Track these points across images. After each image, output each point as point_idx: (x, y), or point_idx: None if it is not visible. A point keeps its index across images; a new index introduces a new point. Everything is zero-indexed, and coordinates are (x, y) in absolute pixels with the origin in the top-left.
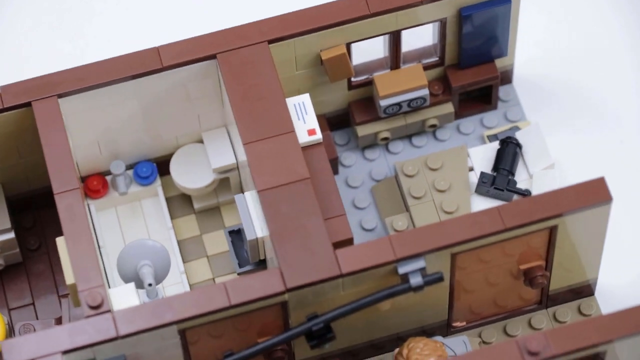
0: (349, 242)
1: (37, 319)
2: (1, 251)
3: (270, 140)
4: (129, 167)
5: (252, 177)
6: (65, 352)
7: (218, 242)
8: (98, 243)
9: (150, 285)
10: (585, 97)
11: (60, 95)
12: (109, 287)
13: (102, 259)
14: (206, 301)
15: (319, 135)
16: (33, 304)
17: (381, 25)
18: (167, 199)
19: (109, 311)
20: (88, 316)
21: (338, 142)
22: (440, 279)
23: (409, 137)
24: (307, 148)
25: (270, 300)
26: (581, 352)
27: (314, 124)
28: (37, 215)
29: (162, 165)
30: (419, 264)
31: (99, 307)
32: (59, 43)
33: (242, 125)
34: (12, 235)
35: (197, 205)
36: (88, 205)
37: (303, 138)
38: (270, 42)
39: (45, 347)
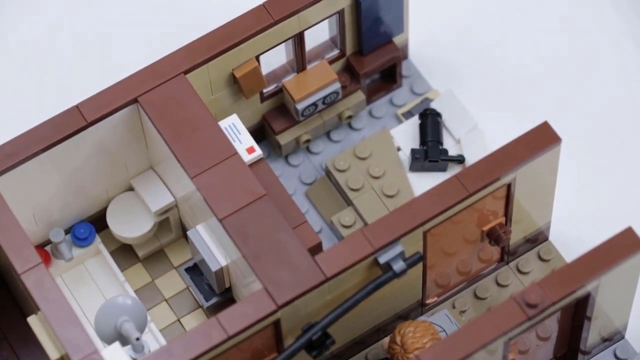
0: (318, 247)
1: None
2: None
3: (216, 168)
4: (65, 232)
5: (210, 206)
6: None
7: (172, 284)
8: None
9: (138, 339)
10: (480, 58)
11: None
12: None
13: None
14: (203, 339)
15: (258, 152)
16: None
17: (285, 31)
18: (110, 253)
19: None
20: None
21: None
22: (420, 258)
23: (326, 134)
24: (251, 166)
25: (265, 321)
26: (575, 293)
27: (250, 141)
28: None
29: (97, 222)
30: (398, 249)
31: None
32: None
33: (184, 160)
34: None
35: (141, 253)
36: None
37: (245, 157)
38: (186, 72)
39: None
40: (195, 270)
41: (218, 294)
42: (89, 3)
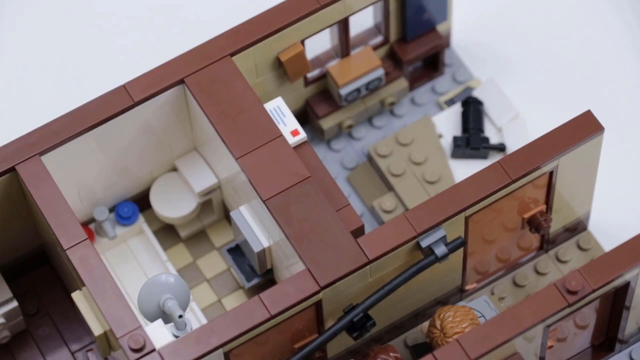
0: (361, 230)
1: None
2: (7, 322)
3: (261, 149)
4: (109, 211)
5: (255, 187)
6: None
7: (213, 264)
8: None
9: (180, 316)
10: (521, 51)
11: (40, 154)
12: None
13: None
14: (246, 318)
15: (303, 135)
16: None
17: (331, 15)
18: (153, 233)
19: (154, 350)
20: None
21: None
22: (462, 243)
23: (368, 120)
24: (295, 149)
25: (307, 302)
26: (615, 282)
27: (294, 124)
28: (28, 280)
29: (141, 202)
30: (440, 233)
31: (142, 349)
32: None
33: (229, 141)
34: (15, 304)
35: (183, 233)
36: None
37: (290, 140)
38: (232, 54)
39: None
40: (237, 252)
41: (259, 275)
42: None
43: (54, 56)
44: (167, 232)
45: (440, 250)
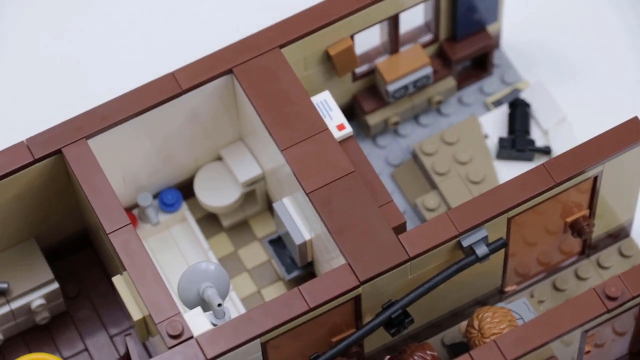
0: (403, 226)
1: None
2: (47, 303)
3: (306, 142)
4: (153, 197)
5: (298, 180)
6: None
7: (254, 255)
8: None
9: (219, 305)
10: (571, 54)
11: (87, 137)
12: None
13: None
14: (285, 309)
15: (349, 129)
16: (86, 349)
17: (382, 11)
18: (196, 221)
19: (192, 337)
20: (172, 346)
21: None
22: (504, 244)
23: (415, 117)
24: (340, 143)
25: (346, 296)
26: None
27: (341, 118)
28: (70, 262)
29: (185, 189)
30: (481, 233)
31: (180, 336)
32: (73, 81)
33: (275, 132)
34: (56, 285)
35: (225, 223)
36: None
37: (335, 134)
38: (281, 46)
39: None
40: (279, 243)
41: (300, 267)
42: None
43: (108, 41)
44: (209, 221)
45: (481, 250)
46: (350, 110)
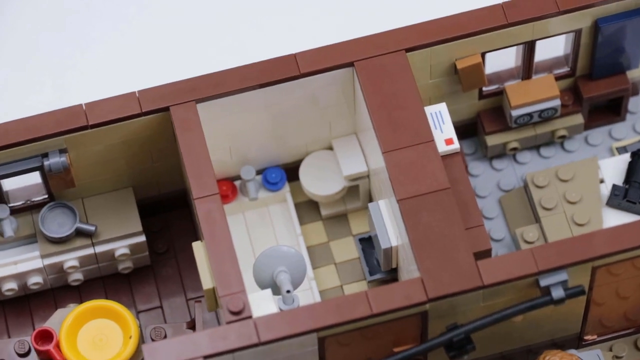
0: (487, 253)
1: (165, 322)
2: (131, 254)
3: (409, 149)
4: (257, 173)
5: (392, 185)
6: (207, 357)
7: (345, 249)
8: None
9: (288, 291)
10: None
11: (197, 101)
12: None
13: None
14: (348, 309)
15: (456, 145)
16: (161, 307)
17: (517, 35)
18: (295, 205)
19: (250, 317)
20: (229, 322)
21: (465, 151)
22: (582, 292)
23: (537, 147)
24: (444, 157)
25: (412, 309)
26: None
27: (451, 133)
28: (166, 219)
29: (290, 171)
30: (561, 276)
31: (240, 313)
32: (195, 47)
33: (381, 134)
34: (142, 238)
35: (324, 212)
36: None
37: (441, 147)
38: (407, 50)
39: (187, 351)
40: (369, 243)
41: (383, 271)
42: None
43: (244, 14)
44: (309, 207)
45: (557, 293)
46: (473, 127)
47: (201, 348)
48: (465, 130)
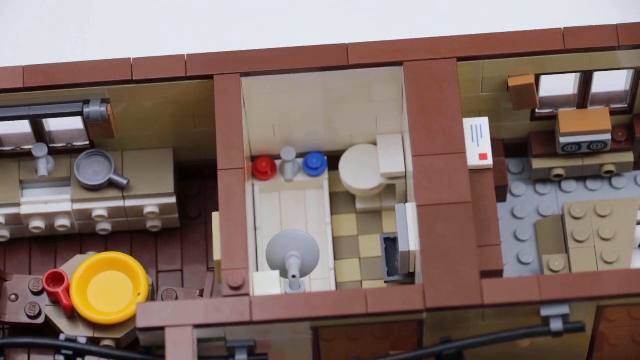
0: (498, 273)
1: (183, 286)
2: (160, 213)
3: (439, 157)
4: (299, 156)
5: (415, 190)
6: (197, 326)
7: (373, 246)
8: (255, 224)
9: (294, 276)
10: None
11: (243, 74)
12: (257, 270)
13: (257, 240)
14: (344, 304)
15: (489, 161)
16: (182, 270)
17: (574, 62)
18: (331, 194)
19: (247, 295)
20: (226, 296)
21: (512, 170)
22: (581, 329)
23: (583, 178)
24: (475, 172)
25: (408, 316)
26: None
27: (487, 148)
28: (203, 185)
29: (331, 160)
30: (563, 309)
31: (238, 289)
32: (254, 20)
33: (414, 137)
34: (173, 200)
35: (359, 206)
36: (253, 185)
37: (473, 161)
38: (459, 59)
39: (179, 317)
40: (393, 244)
41: (400, 274)
42: None
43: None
44: (346, 198)
45: (555, 325)
46: (523, 146)
47: (193, 316)
48: (516, 148)
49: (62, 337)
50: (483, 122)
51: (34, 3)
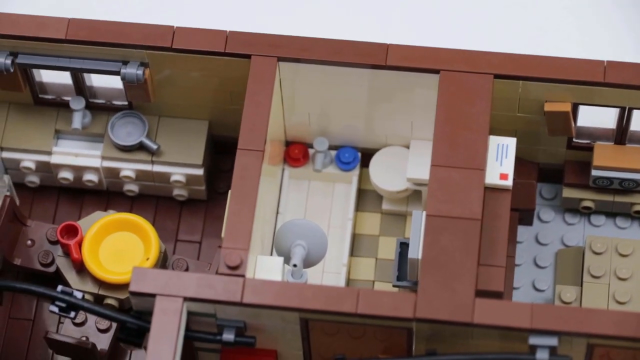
0: (497, 294)
1: (199, 259)
2: (186, 183)
3: (457, 170)
4: (332, 148)
5: (427, 199)
6: (187, 299)
7: (392, 248)
8: (278, 209)
9: (295, 266)
10: None
11: (280, 59)
12: (271, 254)
13: (276, 225)
14: (335, 300)
15: (509, 182)
16: (200, 243)
17: (612, 97)
18: (360, 191)
19: (242, 276)
20: (221, 274)
21: (544, 195)
22: None
23: (614, 214)
24: (493, 190)
25: (396, 322)
26: None
27: (509, 169)
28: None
29: (363, 157)
30: (552, 341)
31: (234, 269)
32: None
33: (437, 146)
34: (200, 172)
35: (385, 207)
36: (283, 170)
37: (493, 179)
38: (496, 76)
39: (171, 287)
40: (407, 249)
41: (408, 280)
42: None
43: None
44: (374, 197)
45: (541, 355)
46: (558, 173)
47: (186, 289)
48: (552, 174)
49: (58, 288)
50: (510, 142)
51: None
